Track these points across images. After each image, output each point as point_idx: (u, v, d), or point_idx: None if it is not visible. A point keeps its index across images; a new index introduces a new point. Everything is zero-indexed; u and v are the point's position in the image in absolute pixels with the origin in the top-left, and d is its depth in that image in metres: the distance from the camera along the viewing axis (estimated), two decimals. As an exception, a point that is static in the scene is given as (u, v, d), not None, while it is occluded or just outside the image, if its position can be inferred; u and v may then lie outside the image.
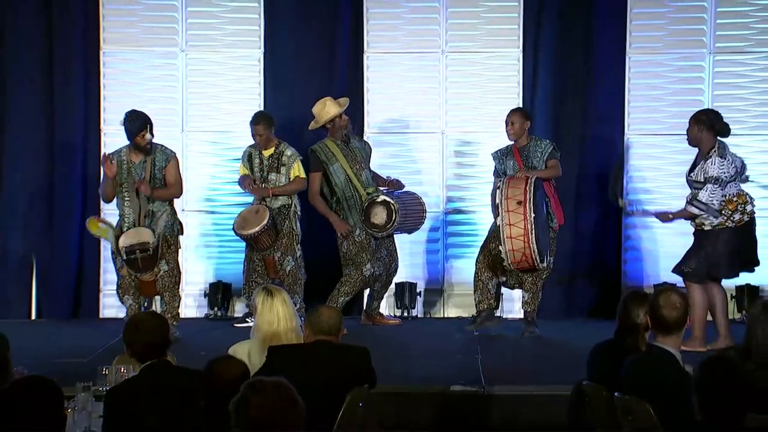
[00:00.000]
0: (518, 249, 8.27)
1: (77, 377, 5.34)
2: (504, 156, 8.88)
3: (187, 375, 4.94)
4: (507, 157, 8.86)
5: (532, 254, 8.26)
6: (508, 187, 8.35)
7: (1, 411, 3.79)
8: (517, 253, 8.28)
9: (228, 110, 10.04)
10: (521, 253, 8.28)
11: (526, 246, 8.24)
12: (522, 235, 8.23)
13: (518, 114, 8.85)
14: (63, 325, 9.63)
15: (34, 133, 9.98)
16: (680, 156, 9.93)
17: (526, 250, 8.25)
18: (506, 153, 8.88)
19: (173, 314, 8.56)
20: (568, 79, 9.97)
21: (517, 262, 8.36)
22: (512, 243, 8.26)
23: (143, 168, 8.53)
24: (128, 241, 8.37)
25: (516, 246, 8.26)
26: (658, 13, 9.94)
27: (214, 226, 10.08)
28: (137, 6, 10.04)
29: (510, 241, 8.26)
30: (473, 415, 6.67)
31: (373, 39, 10.02)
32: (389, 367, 6.69)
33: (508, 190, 8.32)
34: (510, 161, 8.83)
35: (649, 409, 4.59)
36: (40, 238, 9.95)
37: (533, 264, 8.37)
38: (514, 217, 8.25)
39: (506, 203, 8.28)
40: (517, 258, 8.32)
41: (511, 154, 8.84)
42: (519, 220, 8.23)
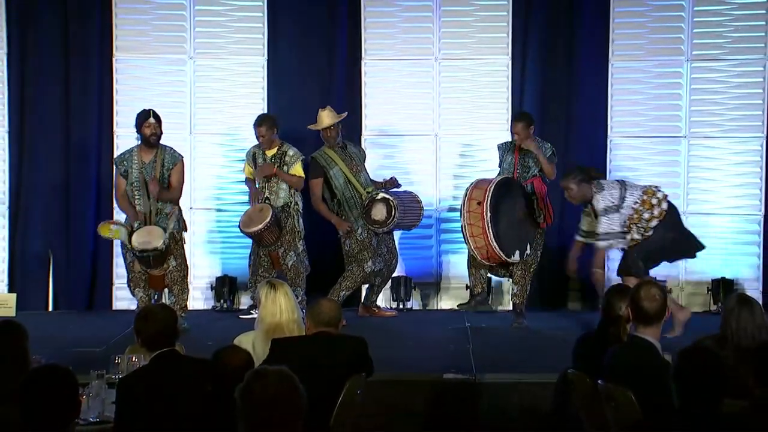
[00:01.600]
0: (481, 246, 8.34)
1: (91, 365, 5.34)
2: (506, 150, 8.91)
3: (194, 364, 4.93)
4: (508, 152, 8.88)
5: (494, 250, 8.30)
6: (473, 188, 8.43)
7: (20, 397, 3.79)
8: (481, 249, 8.36)
9: (233, 113, 10.03)
10: (485, 250, 8.35)
11: (486, 243, 8.29)
12: (481, 234, 8.29)
13: (521, 122, 8.75)
14: (78, 316, 9.63)
15: (51, 136, 9.97)
16: (659, 157, 9.98)
17: (488, 247, 8.31)
18: (508, 148, 8.90)
19: (182, 306, 8.55)
20: (553, 84, 9.97)
21: (487, 258, 8.41)
22: (474, 241, 8.35)
23: (153, 168, 8.53)
24: (141, 242, 8.35)
25: (478, 244, 8.34)
26: (638, 23, 9.94)
27: (220, 223, 10.07)
28: (148, 16, 10.03)
29: (473, 240, 8.35)
30: (464, 402, 6.66)
31: (370, 46, 10.01)
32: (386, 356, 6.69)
33: (472, 191, 8.41)
34: (509, 156, 8.85)
35: (631, 395, 4.60)
36: (57, 234, 9.94)
37: (501, 258, 8.39)
38: (473, 217, 8.33)
39: (468, 204, 8.38)
40: (483, 254, 8.39)
41: (512, 150, 8.86)
42: (477, 219, 8.30)
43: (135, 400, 4.70)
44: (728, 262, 9.85)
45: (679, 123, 9.93)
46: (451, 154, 10.03)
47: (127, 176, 8.60)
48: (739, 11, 9.86)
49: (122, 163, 8.68)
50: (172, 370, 4.80)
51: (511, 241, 8.48)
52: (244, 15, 10.02)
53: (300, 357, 4.97)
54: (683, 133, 9.94)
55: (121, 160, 8.72)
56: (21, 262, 9.93)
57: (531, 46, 9.96)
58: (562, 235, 9.57)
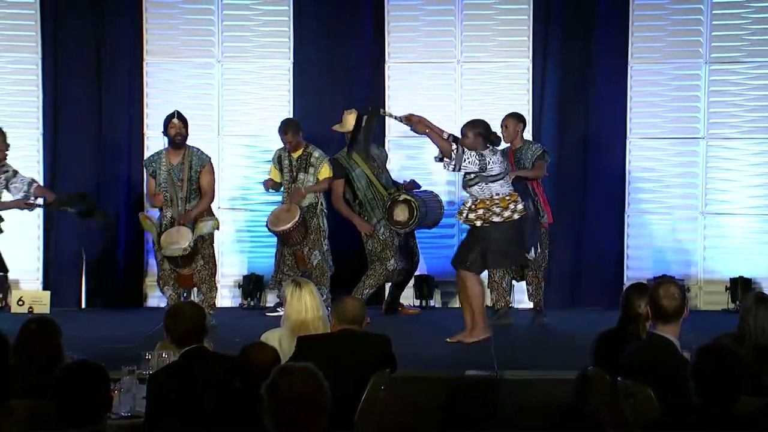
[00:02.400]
0: None
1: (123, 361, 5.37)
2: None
3: (222, 360, 4.95)
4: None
5: None
6: None
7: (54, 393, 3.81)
8: None
9: (260, 116, 10.06)
10: None
11: None
12: None
13: (512, 118, 8.84)
14: (110, 313, 9.66)
15: (83, 137, 10.02)
16: (678, 158, 9.94)
17: None
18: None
19: (210, 304, 8.57)
20: (574, 86, 9.94)
21: None
22: None
23: (181, 170, 8.56)
24: (168, 242, 8.38)
25: None
26: (657, 26, 9.90)
27: (247, 223, 10.10)
28: (177, 20, 10.07)
29: None
30: (486, 398, 6.65)
31: (394, 50, 10.01)
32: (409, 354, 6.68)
33: None
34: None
35: (650, 392, 4.58)
36: (89, 234, 9.97)
37: None
38: None
39: None
40: None
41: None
42: None
43: (165, 395, 4.72)
44: (746, 261, 9.80)
45: (698, 124, 9.89)
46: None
47: (155, 177, 8.64)
48: (757, 14, 9.81)
49: (151, 164, 8.72)
50: (201, 366, 4.82)
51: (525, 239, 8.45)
52: (271, 20, 10.04)
53: (325, 354, 4.97)
54: (702, 135, 9.89)
55: (149, 162, 8.77)
56: (55, 261, 9.98)
57: (551, 49, 9.94)
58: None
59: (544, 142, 9.42)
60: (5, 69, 10.01)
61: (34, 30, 9.96)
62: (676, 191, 9.98)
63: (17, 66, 10.01)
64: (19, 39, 9.99)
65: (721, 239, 9.95)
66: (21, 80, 10.01)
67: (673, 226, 10.01)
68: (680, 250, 9.95)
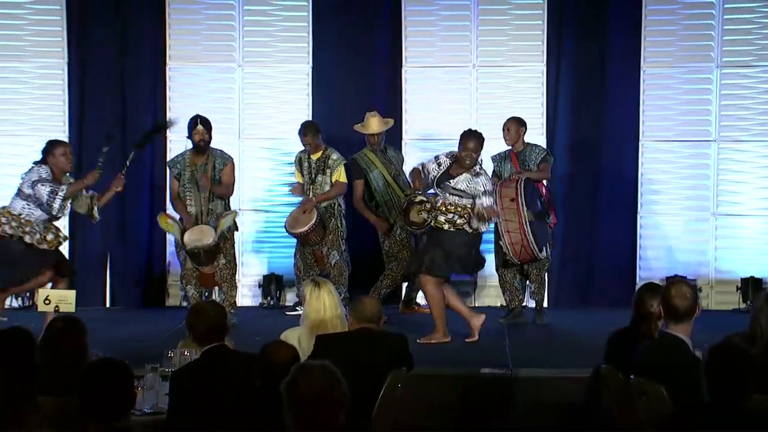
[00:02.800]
0: (516, 242, 8.27)
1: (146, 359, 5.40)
2: (502, 160, 8.92)
3: (243, 358, 4.96)
4: (505, 161, 8.89)
5: (530, 245, 8.25)
6: (502, 187, 8.39)
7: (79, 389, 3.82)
8: (516, 245, 8.29)
9: (280, 119, 10.07)
10: (520, 245, 8.28)
11: (523, 237, 8.24)
12: (518, 228, 8.23)
13: (513, 122, 8.86)
14: (133, 312, 9.69)
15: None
16: (690, 160, 9.91)
17: (524, 241, 8.25)
18: (504, 157, 8.91)
19: (231, 303, 8.58)
20: (587, 90, 9.92)
21: (518, 254, 8.35)
22: (510, 236, 8.27)
23: (204, 170, 8.59)
24: (192, 240, 8.41)
25: (514, 239, 8.27)
26: (669, 31, 9.87)
27: (267, 224, 10.11)
28: (199, 26, 10.09)
29: (508, 235, 8.28)
30: (501, 395, 6.64)
31: (411, 54, 10.01)
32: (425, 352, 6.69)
33: (502, 190, 8.36)
34: (507, 164, 8.85)
35: (662, 390, 4.56)
36: (114, 235, 10.01)
37: (533, 254, 8.35)
38: (508, 214, 8.26)
39: (500, 202, 8.30)
40: (516, 250, 8.32)
41: (508, 158, 8.87)
42: (513, 215, 8.23)
43: (187, 392, 4.73)
44: (757, 262, 9.76)
45: (709, 127, 9.86)
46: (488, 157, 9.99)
47: (179, 178, 8.67)
48: (768, 19, 9.78)
49: (175, 165, 8.75)
50: (222, 363, 4.83)
51: (541, 237, 8.46)
52: (290, 25, 10.06)
53: (343, 352, 4.97)
54: (713, 137, 9.86)
55: (174, 163, 8.80)
56: (80, 261, 10.01)
57: (565, 53, 9.92)
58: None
59: (557, 143, 9.41)
60: (33, 74, 10.05)
61: (61, 36, 10.00)
62: (687, 192, 9.95)
63: (44, 71, 10.05)
64: (46, 45, 10.03)
65: (732, 240, 9.91)
66: (48, 84, 10.05)
67: (684, 227, 9.98)
68: (692, 251, 9.92)
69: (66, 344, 4.91)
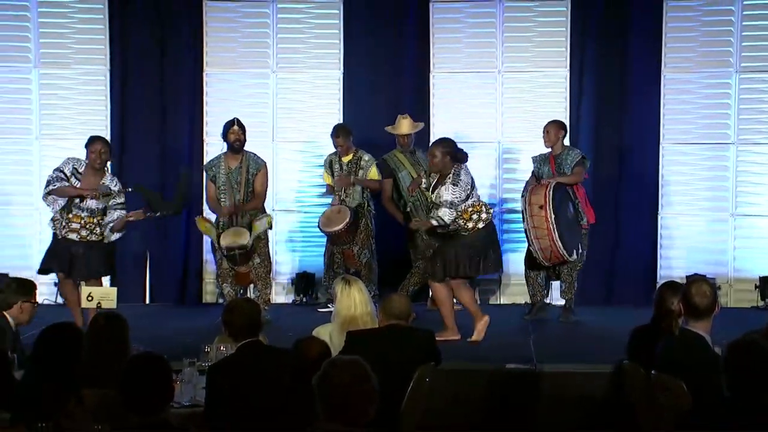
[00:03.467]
0: (546, 247, 8.25)
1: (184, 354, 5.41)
2: (542, 162, 8.88)
3: (276, 353, 4.97)
4: (543, 163, 8.86)
5: (558, 249, 8.23)
6: (531, 194, 8.37)
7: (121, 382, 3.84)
8: (545, 250, 8.27)
9: (312, 122, 10.08)
10: (549, 250, 8.26)
11: (551, 242, 8.22)
12: (546, 235, 8.21)
13: (553, 125, 8.84)
14: (171, 308, 9.73)
15: (147, 143, 10.10)
16: (709, 162, 9.86)
17: (552, 246, 8.23)
18: (544, 159, 8.88)
19: (265, 300, 8.60)
20: (609, 94, 9.87)
21: (548, 258, 8.34)
22: (539, 242, 8.26)
23: (239, 173, 8.62)
24: (228, 241, 8.44)
25: (543, 245, 8.25)
26: (689, 37, 9.81)
27: (300, 224, 10.13)
28: (235, 33, 10.12)
29: (537, 241, 8.26)
30: (526, 390, 6.63)
31: (438, 60, 9.99)
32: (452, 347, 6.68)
33: (531, 197, 8.34)
34: (546, 167, 8.82)
35: (682, 385, 4.54)
36: (153, 234, 10.06)
37: (562, 257, 8.33)
38: (537, 220, 8.24)
39: (530, 209, 8.29)
40: (546, 255, 8.30)
41: (547, 160, 8.84)
42: (541, 222, 8.22)
43: (223, 386, 4.75)
44: (775, 261, 9.71)
45: (728, 130, 9.79)
46: (513, 159, 9.99)
47: (215, 181, 8.71)
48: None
49: (211, 169, 8.79)
50: (256, 358, 4.84)
51: (569, 241, 8.42)
52: (322, 33, 10.07)
53: (373, 348, 4.97)
54: (732, 140, 9.80)
55: (209, 166, 8.84)
56: (121, 259, 10.04)
57: (588, 59, 9.88)
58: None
59: (581, 147, 9.36)
60: (77, 80, 10.11)
61: (104, 43, 10.05)
62: (707, 194, 9.89)
63: (88, 77, 10.11)
64: (89, 52, 10.08)
65: (750, 240, 9.85)
66: (91, 90, 10.10)
67: (704, 227, 9.92)
68: (711, 250, 9.86)
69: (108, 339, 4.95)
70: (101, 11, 10.03)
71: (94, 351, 4.84)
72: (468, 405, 6.49)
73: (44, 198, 8.21)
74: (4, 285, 6.13)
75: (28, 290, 6.02)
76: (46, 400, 4.15)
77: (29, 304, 5.97)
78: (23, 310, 5.94)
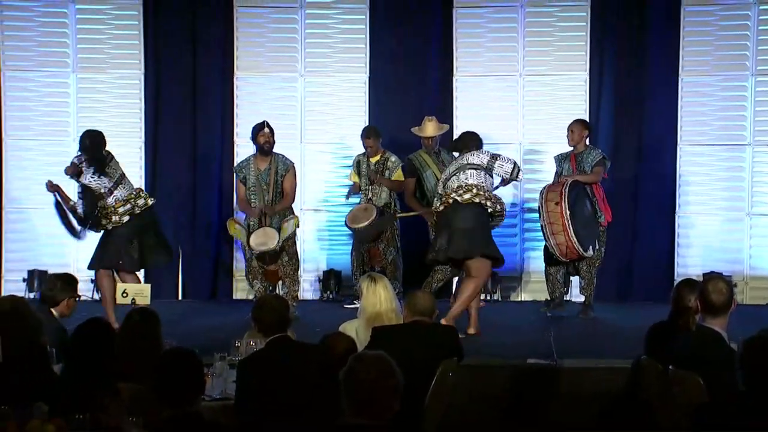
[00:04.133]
0: (561, 243, 8.23)
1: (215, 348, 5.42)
2: (563, 160, 8.86)
3: (304, 348, 4.98)
4: (565, 161, 8.83)
5: (573, 245, 8.20)
6: (548, 191, 8.36)
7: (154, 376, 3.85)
8: (561, 246, 8.25)
9: (339, 125, 10.09)
10: (565, 246, 8.24)
11: (567, 239, 8.19)
12: (561, 230, 8.19)
13: (577, 124, 8.82)
14: (203, 304, 9.76)
15: (180, 146, 10.14)
16: (725, 163, 9.80)
17: (568, 242, 8.20)
18: (565, 157, 8.85)
19: (293, 296, 8.61)
20: (628, 97, 9.84)
21: (564, 254, 8.31)
22: (555, 238, 8.24)
23: (268, 174, 8.63)
24: (258, 243, 8.44)
25: (559, 240, 8.23)
26: (706, 41, 9.76)
27: (327, 223, 10.14)
28: (264, 39, 10.15)
29: (553, 237, 8.24)
30: (546, 384, 6.61)
31: (461, 64, 9.98)
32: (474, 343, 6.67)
33: (548, 194, 8.32)
34: (566, 164, 8.79)
35: (699, 380, 4.51)
36: (185, 232, 10.10)
37: (578, 253, 8.30)
38: (553, 216, 8.22)
39: (546, 206, 8.27)
40: (562, 250, 8.27)
41: (568, 158, 8.81)
42: (557, 217, 8.19)
43: (252, 379, 4.76)
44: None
45: (744, 132, 9.74)
46: (535, 160, 9.96)
47: (245, 182, 8.73)
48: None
49: (241, 170, 8.81)
50: (285, 353, 4.85)
51: (585, 237, 8.40)
52: (349, 37, 10.08)
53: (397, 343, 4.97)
54: (748, 141, 9.74)
55: (240, 167, 8.86)
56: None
57: (607, 62, 9.85)
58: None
59: (600, 148, 9.31)
60: (113, 84, 10.16)
61: (138, 49, 10.10)
62: (723, 194, 9.83)
63: (123, 81, 10.15)
64: (124, 57, 10.13)
65: (766, 238, 9.78)
66: (126, 94, 10.15)
67: (720, 226, 9.86)
68: (727, 249, 9.80)
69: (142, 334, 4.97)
70: (136, 18, 10.08)
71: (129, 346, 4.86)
72: (491, 398, 6.48)
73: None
74: (49, 283, 6.18)
75: (74, 287, 6.11)
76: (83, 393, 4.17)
77: (74, 299, 6.06)
78: (69, 306, 6.03)
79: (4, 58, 10.11)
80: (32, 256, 10.08)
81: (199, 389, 3.87)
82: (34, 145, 10.19)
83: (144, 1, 10.03)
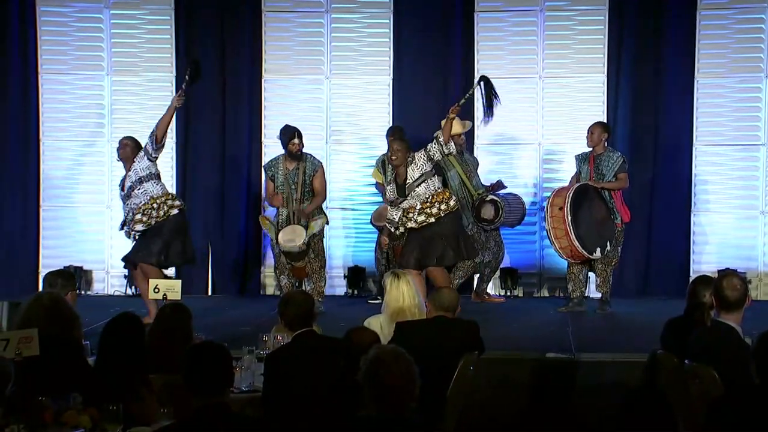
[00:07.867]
0: (565, 246, 8.23)
1: (243, 342, 5.44)
2: (583, 160, 8.81)
3: (329, 342, 4.98)
4: (584, 162, 8.77)
5: (577, 248, 8.18)
6: (554, 196, 8.35)
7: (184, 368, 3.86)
8: (565, 249, 8.25)
9: (364, 126, 10.10)
10: (569, 249, 8.23)
11: (570, 243, 8.17)
12: (564, 235, 8.17)
13: (598, 126, 8.76)
14: (232, 300, 9.78)
15: (210, 147, 10.17)
16: (740, 162, 9.74)
17: (571, 246, 8.20)
18: (585, 158, 8.80)
19: (319, 292, 8.61)
20: (645, 99, 9.79)
21: (571, 256, 8.28)
22: (559, 242, 8.24)
23: (296, 174, 8.63)
24: (285, 240, 8.44)
25: (562, 244, 8.23)
26: (721, 44, 9.70)
27: (353, 221, 10.14)
28: (292, 42, 10.16)
29: (557, 241, 8.24)
30: (565, 377, 6.58)
31: (482, 67, 9.92)
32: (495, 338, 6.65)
33: (554, 199, 8.32)
34: (585, 166, 8.74)
35: (714, 373, 4.49)
36: (215, 230, 10.13)
37: (584, 256, 8.27)
38: (556, 221, 8.21)
39: (550, 210, 8.28)
40: (567, 253, 8.27)
41: (587, 160, 8.75)
42: (560, 222, 8.19)
43: (279, 372, 4.77)
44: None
45: (759, 132, 9.67)
46: (553, 160, 9.93)
47: (274, 180, 8.72)
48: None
49: (270, 168, 8.80)
50: (311, 347, 4.86)
51: (591, 240, 8.36)
52: (373, 41, 10.08)
53: (420, 337, 4.98)
54: (762, 141, 9.67)
55: (269, 166, 8.85)
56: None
57: (624, 65, 9.80)
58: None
59: (617, 148, 9.27)
60: (146, 86, 10.21)
61: (170, 52, 10.14)
62: (738, 192, 9.77)
63: (155, 84, 10.20)
64: (157, 61, 10.18)
65: (780, 236, 9.73)
66: (158, 96, 10.16)
67: (735, 224, 9.80)
68: (742, 246, 9.74)
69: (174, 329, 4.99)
70: (168, 22, 10.13)
71: (161, 339, 4.88)
72: (511, 391, 6.46)
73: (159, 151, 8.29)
74: (50, 282, 5.95)
75: (72, 282, 6.07)
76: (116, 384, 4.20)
77: (74, 292, 5.96)
78: (72, 299, 5.98)
79: (42, 62, 10.18)
80: (69, 252, 10.14)
81: (228, 381, 3.87)
82: (71, 145, 10.27)
83: (175, 7, 10.08)
